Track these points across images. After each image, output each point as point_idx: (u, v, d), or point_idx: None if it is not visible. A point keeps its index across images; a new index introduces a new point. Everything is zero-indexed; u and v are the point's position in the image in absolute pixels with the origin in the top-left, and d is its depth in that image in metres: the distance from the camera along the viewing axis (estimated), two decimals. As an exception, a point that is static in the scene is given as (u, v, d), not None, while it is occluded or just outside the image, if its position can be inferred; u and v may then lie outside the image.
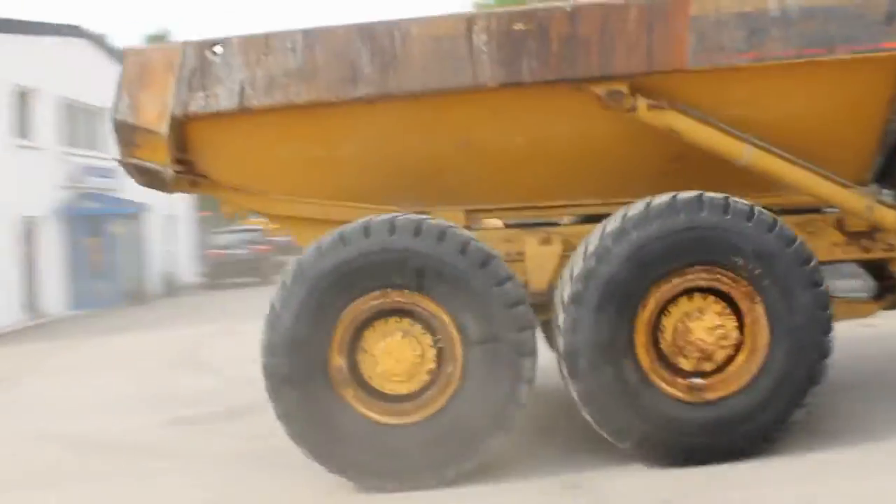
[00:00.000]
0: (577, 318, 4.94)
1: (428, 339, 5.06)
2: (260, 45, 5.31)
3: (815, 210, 5.81)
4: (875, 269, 6.13)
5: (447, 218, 5.35)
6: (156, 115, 5.37)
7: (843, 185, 5.50)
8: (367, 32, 5.28)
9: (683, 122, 5.28)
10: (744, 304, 4.97)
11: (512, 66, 5.20)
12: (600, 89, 5.23)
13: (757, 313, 4.96)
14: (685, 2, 5.12)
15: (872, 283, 6.33)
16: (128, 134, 5.48)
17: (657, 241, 4.91)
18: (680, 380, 5.02)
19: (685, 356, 5.00)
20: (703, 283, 4.98)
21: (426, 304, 5.02)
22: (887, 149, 5.54)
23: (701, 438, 4.97)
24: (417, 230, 4.99)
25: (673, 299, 5.00)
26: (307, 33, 5.31)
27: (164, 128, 5.36)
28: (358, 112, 5.39)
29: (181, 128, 5.43)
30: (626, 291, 4.92)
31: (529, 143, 5.54)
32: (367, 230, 4.98)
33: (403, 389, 5.07)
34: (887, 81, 5.27)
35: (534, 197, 5.85)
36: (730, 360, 5.01)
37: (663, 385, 4.99)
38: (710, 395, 5.00)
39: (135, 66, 5.44)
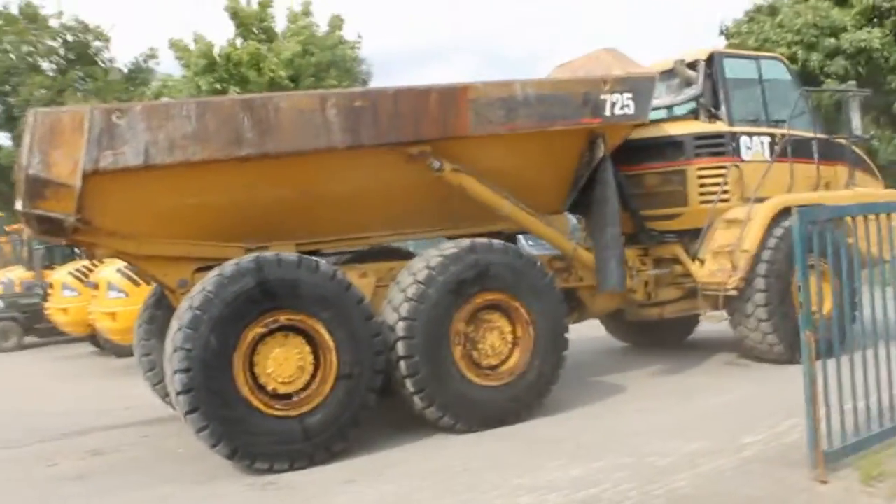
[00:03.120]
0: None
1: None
2: (160, 112, 6.44)
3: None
4: (568, 294, 8.56)
5: (281, 251, 6.75)
6: (69, 170, 6.17)
7: (561, 234, 8.33)
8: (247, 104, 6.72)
9: (470, 182, 7.59)
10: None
11: (354, 132, 6.99)
12: (413, 150, 7.30)
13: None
14: (466, 88, 7.42)
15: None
16: (38, 187, 6.15)
17: None
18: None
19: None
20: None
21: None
22: (576, 187, 8.43)
23: None
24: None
25: None
26: (199, 103, 6.57)
27: (76, 181, 6.20)
28: (234, 168, 6.72)
29: (85, 181, 6.26)
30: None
31: (353, 191, 7.36)
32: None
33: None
34: (580, 143, 8.16)
35: (348, 231, 7.67)
36: None
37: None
38: None
39: (44, 126, 6.13)
